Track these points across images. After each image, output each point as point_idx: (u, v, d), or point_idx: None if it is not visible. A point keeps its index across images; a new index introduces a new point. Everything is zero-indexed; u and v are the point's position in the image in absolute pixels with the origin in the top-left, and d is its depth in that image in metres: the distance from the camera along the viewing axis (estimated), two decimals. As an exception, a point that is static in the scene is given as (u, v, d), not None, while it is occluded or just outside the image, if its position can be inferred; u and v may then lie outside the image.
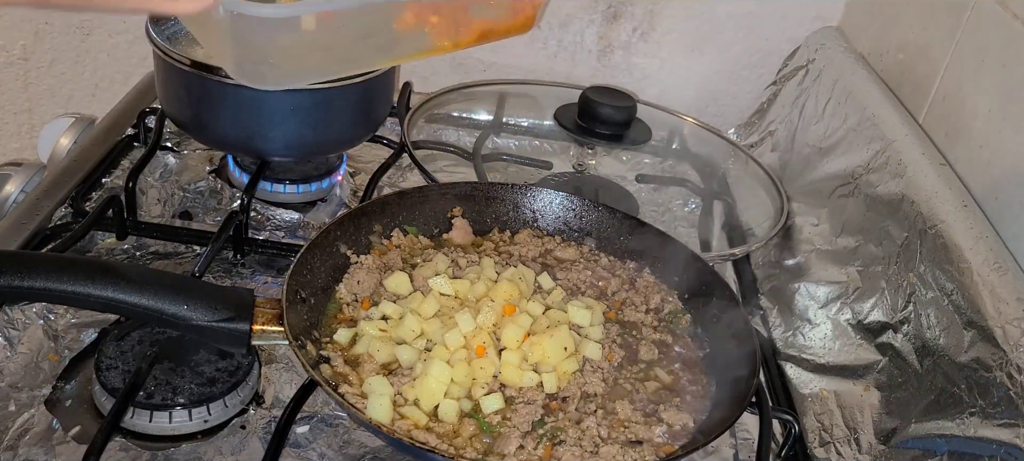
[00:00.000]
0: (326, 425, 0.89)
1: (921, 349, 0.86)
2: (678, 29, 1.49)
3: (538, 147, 1.44)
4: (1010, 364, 0.74)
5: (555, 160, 1.37)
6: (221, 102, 1.11)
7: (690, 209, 1.34)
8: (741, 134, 1.47)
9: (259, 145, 1.14)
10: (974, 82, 1.03)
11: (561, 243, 1.04)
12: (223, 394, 0.87)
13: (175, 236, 1.12)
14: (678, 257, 1.00)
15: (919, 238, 0.92)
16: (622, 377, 0.87)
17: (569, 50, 1.52)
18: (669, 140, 1.43)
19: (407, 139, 1.22)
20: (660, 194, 1.36)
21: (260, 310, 0.78)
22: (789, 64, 1.45)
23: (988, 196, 0.95)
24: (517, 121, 1.45)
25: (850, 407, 0.93)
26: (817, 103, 1.29)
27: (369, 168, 1.27)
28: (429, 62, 1.53)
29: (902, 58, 1.23)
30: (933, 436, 0.79)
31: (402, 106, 1.35)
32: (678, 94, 1.50)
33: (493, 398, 0.80)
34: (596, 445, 0.77)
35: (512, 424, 0.79)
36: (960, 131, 1.04)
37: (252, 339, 0.78)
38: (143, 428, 0.85)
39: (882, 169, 1.04)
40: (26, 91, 1.60)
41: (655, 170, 1.41)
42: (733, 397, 0.83)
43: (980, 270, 0.82)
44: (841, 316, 1.01)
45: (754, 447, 0.89)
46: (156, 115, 1.26)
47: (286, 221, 1.18)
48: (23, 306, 0.94)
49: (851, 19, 1.43)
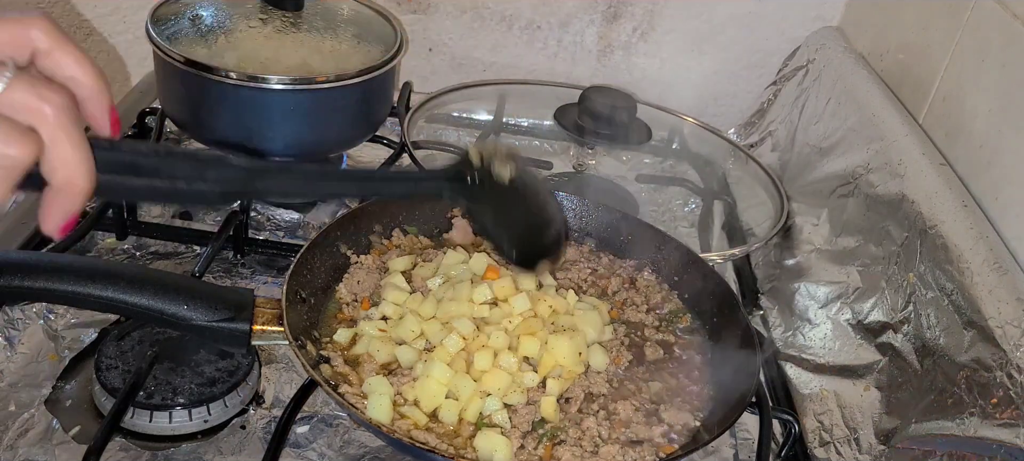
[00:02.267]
0: (326, 425, 0.89)
1: (921, 349, 0.86)
2: (678, 29, 1.49)
3: (538, 147, 1.44)
4: (1010, 364, 0.74)
5: (555, 160, 1.37)
6: (221, 102, 1.11)
7: (690, 209, 1.34)
8: (741, 134, 1.47)
9: (259, 145, 1.14)
10: (974, 82, 1.03)
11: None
12: (223, 394, 0.87)
13: (175, 236, 1.12)
14: (677, 257, 1.00)
15: (919, 238, 0.92)
16: (626, 378, 0.87)
17: (569, 50, 1.52)
18: (669, 140, 1.43)
19: (407, 139, 1.22)
20: (660, 194, 1.36)
21: (260, 310, 0.78)
22: (789, 64, 1.45)
23: (988, 196, 0.95)
24: (517, 121, 1.45)
25: (850, 407, 0.93)
26: (817, 103, 1.29)
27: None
28: (429, 62, 1.54)
29: (902, 58, 1.23)
30: (933, 436, 0.79)
31: (402, 106, 1.35)
32: (678, 94, 1.50)
33: (493, 399, 0.80)
34: (596, 445, 0.78)
35: (512, 424, 0.79)
36: (960, 131, 1.04)
37: (252, 339, 0.78)
38: (143, 428, 0.85)
39: (882, 169, 1.04)
40: (26, 91, 1.60)
41: (655, 170, 1.41)
42: (733, 397, 0.83)
43: (980, 270, 0.82)
44: (841, 316, 1.01)
45: (754, 447, 0.89)
46: (156, 115, 1.26)
47: (286, 221, 1.18)
48: (23, 306, 0.94)
49: (851, 19, 1.43)
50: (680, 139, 1.42)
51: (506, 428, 0.78)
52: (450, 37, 1.52)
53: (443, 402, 0.80)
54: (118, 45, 1.57)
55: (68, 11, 1.53)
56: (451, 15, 1.50)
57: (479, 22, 1.50)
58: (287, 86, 1.09)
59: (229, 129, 1.13)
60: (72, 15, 1.54)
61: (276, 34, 1.20)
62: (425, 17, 1.50)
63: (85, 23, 1.55)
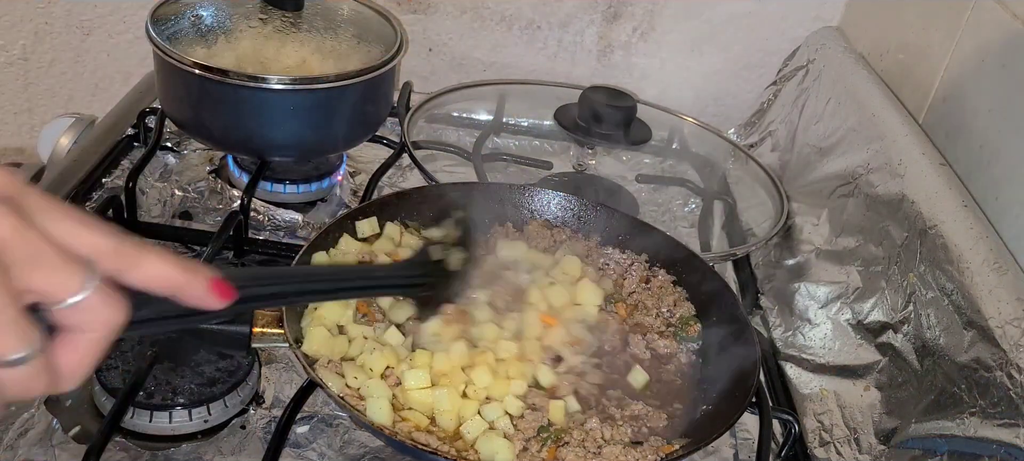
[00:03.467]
0: (326, 425, 0.89)
1: (921, 349, 0.86)
2: (678, 29, 1.49)
3: (538, 147, 1.44)
4: (1010, 364, 0.74)
5: (555, 160, 1.37)
6: (221, 102, 1.11)
7: (690, 209, 1.34)
8: (741, 134, 1.47)
9: (259, 145, 1.14)
10: (974, 82, 1.03)
11: (571, 234, 1.04)
12: (223, 394, 0.87)
13: (175, 236, 1.12)
14: (677, 257, 1.00)
15: (919, 238, 0.92)
16: (623, 379, 0.87)
17: (569, 50, 1.52)
18: (669, 140, 1.42)
19: (407, 139, 1.22)
20: (660, 194, 1.36)
21: (260, 312, 0.78)
22: (789, 64, 1.45)
23: (988, 196, 0.95)
24: (517, 121, 1.45)
25: (850, 407, 0.93)
26: (817, 103, 1.29)
27: (369, 168, 1.27)
28: (429, 62, 1.54)
29: (902, 58, 1.23)
30: (933, 436, 0.79)
31: (402, 106, 1.35)
32: (678, 94, 1.50)
33: (493, 407, 0.80)
34: (599, 446, 0.77)
35: (517, 429, 0.79)
36: (960, 131, 1.04)
37: (252, 342, 0.78)
38: (143, 428, 0.85)
39: (882, 169, 1.04)
40: (26, 91, 1.60)
41: (655, 170, 1.41)
42: (733, 397, 0.83)
43: (980, 270, 0.82)
44: (841, 316, 1.01)
45: (754, 447, 0.89)
46: (156, 115, 1.26)
47: (286, 221, 1.18)
48: (23, 306, 0.93)
49: (851, 19, 1.43)
50: (680, 139, 1.42)
51: (509, 432, 0.78)
52: (450, 37, 1.52)
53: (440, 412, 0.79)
54: (118, 45, 1.57)
55: (68, 11, 1.53)
56: (451, 15, 1.50)
57: (479, 22, 1.50)
58: (287, 86, 1.09)
59: (229, 129, 1.13)
60: (72, 15, 1.54)
61: (276, 34, 1.20)
62: (425, 17, 1.50)
63: (85, 23, 1.55)
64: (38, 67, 1.58)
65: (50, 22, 1.54)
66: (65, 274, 0.44)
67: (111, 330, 0.47)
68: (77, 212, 0.47)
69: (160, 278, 0.49)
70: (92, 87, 1.61)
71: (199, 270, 0.51)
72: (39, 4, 1.52)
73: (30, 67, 1.57)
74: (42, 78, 1.59)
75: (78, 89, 1.61)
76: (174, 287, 0.50)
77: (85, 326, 0.46)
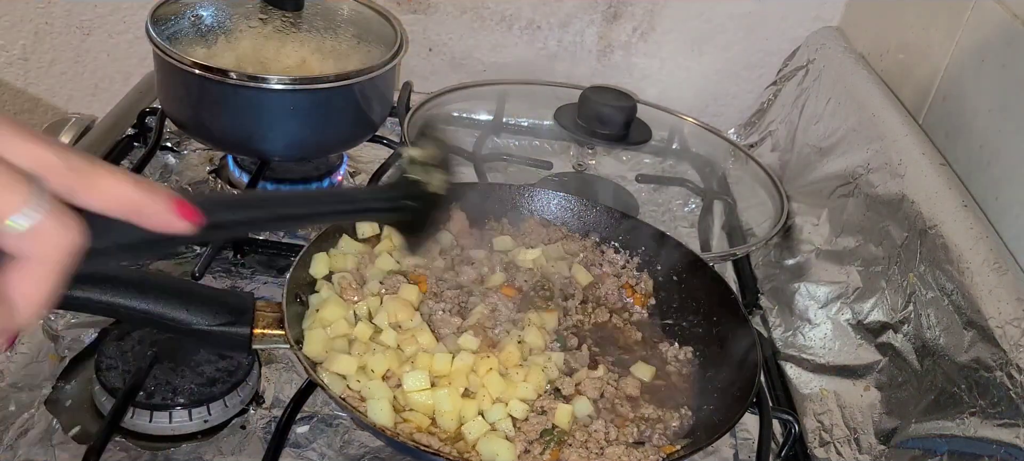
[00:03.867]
0: (326, 425, 0.89)
1: (921, 349, 0.86)
2: (678, 29, 1.49)
3: (538, 147, 1.44)
4: (1010, 364, 0.74)
5: (555, 160, 1.37)
6: (221, 102, 1.11)
7: (690, 209, 1.34)
8: (741, 134, 1.47)
9: (259, 145, 1.14)
10: (974, 82, 1.03)
11: (567, 233, 1.04)
12: (223, 394, 0.87)
13: (175, 236, 1.12)
14: (677, 257, 1.00)
15: (919, 238, 0.92)
16: (623, 381, 0.87)
17: (569, 50, 1.52)
18: (669, 140, 1.42)
19: (407, 139, 1.22)
20: (660, 194, 1.36)
21: (261, 314, 0.78)
22: (789, 64, 1.45)
23: (988, 196, 0.95)
24: (517, 121, 1.45)
25: (850, 407, 0.93)
26: (817, 103, 1.29)
27: (369, 168, 1.27)
28: (429, 62, 1.54)
29: (902, 58, 1.23)
30: (933, 436, 0.79)
31: (402, 106, 1.35)
32: (678, 94, 1.50)
33: (497, 408, 0.80)
34: (602, 447, 0.77)
35: (520, 430, 0.79)
36: (960, 131, 1.04)
37: (253, 343, 0.78)
38: (143, 428, 0.85)
39: (882, 169, 1.04)
40: (26, 91, 1.60)
41: (655, 170, 1.41)
42: (734, 397, 0.83)
43: (980, 270, 0.82)
44: (841, 316, 1.01)
45: (754, 447, 0.89)
46: (156, 115, 1.26)
47: (286, 221, 1.18)
48: (23, 307, 0.93)
49: (851, 19, 1.43)
50: (680, 139, 1.42)
51: (511, 434, 0.78)
52: (450, 37, 1.52)
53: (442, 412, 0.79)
54: (118, 45, 1.57)
55: (68, 11, 1.53)
56: (451, 15, 1.50)
57: (479, 22, 1.50)
58: (287, 86, 1.09)
59: (229, 129, 1.13)
60: (72, 15, 1.54)
61: (276, 34, 1.20)
62: (425, 17, 1.50)
63: (85, 23, 1.55)
64: (38, 67, 1.58)
65: (50, 22, 1.54)
66: (4, 189, 0.39)
67: (66, 256, 0.42)
68: (21, 125, 0.42)
69: (118, 198, 0.45)
70: (92, 87, 1.61)
71: (160, 189, 0.47)
72: (39, 4, 1.52)
73: (30, 67, 1.57)
74: (42, 78, 1.59)
75: (78, 89, 1.61)
76: (133, 208, 0.45)
77: (37, 252, 0.41)
